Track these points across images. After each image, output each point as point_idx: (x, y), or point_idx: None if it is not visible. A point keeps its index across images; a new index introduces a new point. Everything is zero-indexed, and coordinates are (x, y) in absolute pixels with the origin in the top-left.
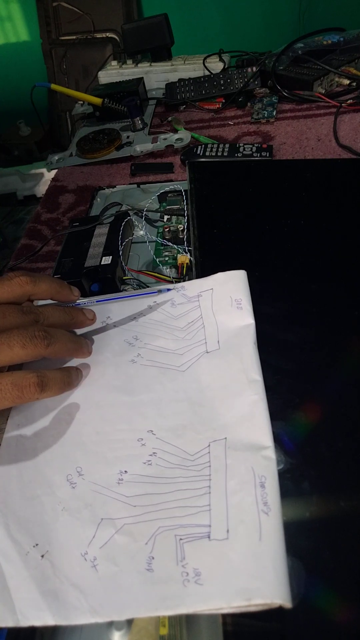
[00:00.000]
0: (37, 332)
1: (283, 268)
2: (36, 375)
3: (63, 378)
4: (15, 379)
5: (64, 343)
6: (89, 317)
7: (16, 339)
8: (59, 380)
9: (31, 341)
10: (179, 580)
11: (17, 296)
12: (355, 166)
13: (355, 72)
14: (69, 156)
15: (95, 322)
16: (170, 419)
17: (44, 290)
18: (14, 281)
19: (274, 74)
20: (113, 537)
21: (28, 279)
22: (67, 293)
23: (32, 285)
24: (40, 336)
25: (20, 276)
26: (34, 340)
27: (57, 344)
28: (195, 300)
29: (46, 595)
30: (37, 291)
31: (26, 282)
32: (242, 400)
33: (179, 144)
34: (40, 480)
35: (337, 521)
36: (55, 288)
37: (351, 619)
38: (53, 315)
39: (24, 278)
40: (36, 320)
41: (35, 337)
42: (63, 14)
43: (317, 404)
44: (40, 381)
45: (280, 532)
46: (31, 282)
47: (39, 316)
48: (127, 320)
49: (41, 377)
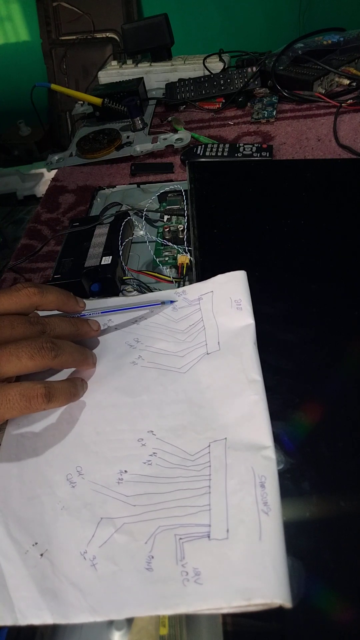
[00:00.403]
0: (45, 344)
1: (283, 268)
2: (43, 387)
3: (69, 389)
4: (23, 390)
5: (70, 354)
6: (94, 328)
7: (24, 350)
8: (65, 391)
9: (39, 352)
10: (179, 579)
11: (25, 307)
12: (355, 166)
13: (355, 72)
14: (69, 156)
15: (100, 332)
16: (171, 420)
17: (51, 301)
18: (22, 292)
19: (274, 74)
20: (113, 536)
21: (36, 290)
22: (73, 304)
23: (40, 296)
24: (47, 347)
25: (28, 287)
26: (41, 351)
27: (64, 355)
28: (196, 304)
29: (45, 594)
30: (44, 302)
31: (34, 294)
32: (242, 401)
33: (179, 144)
34: (40, 480)
35: (337, 521)
36: (62, 299)
37: (351, 619)
38: (59, 326)
39: (32, 289)
40: (43, 331)
41: (43, 348)
42: (63, 14)
43: (317, 404)
44: (47, 392)
45: (280, 532)
46: (39, 293)
47: (45, 327)
48: (129, 322)
49: (48, 388)
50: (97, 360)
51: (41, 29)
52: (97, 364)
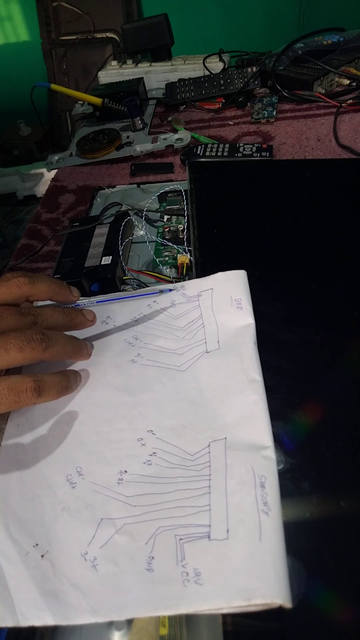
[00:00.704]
0: (34, 335)
1: (283, 268)
2: (33, 380)
3: (61, 382)
4: (11, 384)
5: (62, 346)
6: (89, 318)
7: (13, 342)
8: (56, 384)
9: (28, 344)
10: (179, 580)
11: (15, 297)
12: (355, 166)
13: (355, 72)
14: (69, 156)
15: (96, 322)
16: (170, 419)
17: (43, 291)
18: (12, 282)
19: (274, 74)
20: (113, 537)
21: (26, 279)
22: (66, 294)
23: (31, 286)
24: (37, 339)
25: (18, 277)
26: (31, 343)
27: (55, 347)
28: (195, 300)
29: (46, 595)
30: (35, 292)
31: (24, 283)
32: (242, 400)
33: (179, 144)
34: (40, 480)
35: (337, 521)
36: (54, 289)
37: (351, 619)
38: (52, 316)
39: (22, 279)
40: (34, 322)
41: (33, 340)
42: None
43: (317, 404)
44: (37, 386)
45: (280, 532)
46: (29, 283)
47: (37, 318)
48: (127, 319)
49: (38, 382)
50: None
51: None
52: (95, 362)
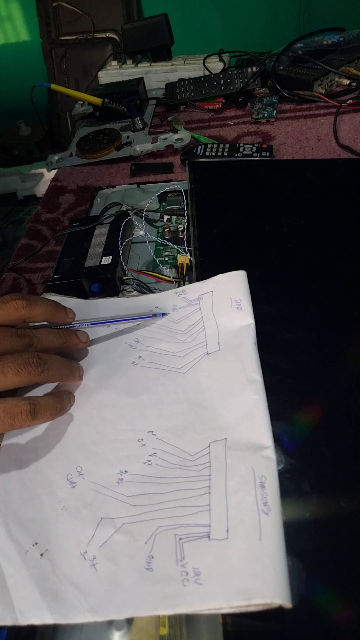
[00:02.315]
0: (31, 359)
1: (283, 268)
2: (28, 403)
3: (55, 404)
4: (7, 407)
5: (57, 369)
6: (82, 340)
7: (10, 365)
8: (50, 407)
9: (25, 368)
10: (179, 579)
11: (12, 320)
12: (355, 166)
13: (355, 72)
14: (69, 156)
15: (89, 344)
16: (171, 420)
17: (40, 313)
18: (10, 305)
19: (274, 74)
20: (113, 537)
21: (24, 302)
22: (62, 316)
23: (28, 309)
24: (34, 363)
25: (16, 299)
26: (27, 367)
27: (50, 371)
28: (196, 304)
29: (45, 594)
30: (32, 315)
31: (22, 306)
32: (242, 401)
33: (179, 144)
34: (41, 480)
35: (337, 521)
36: (50, 311)
37: (351, 619)
38: (47, 338)
39: (20, 302)
40: (30, 344)
41: (29, 363)
42: (63, 14)
43: (317, 404)
44: (32, 409)
45: (280, 532)
46: (27, 306)
47: (32, 339)
48: (129, 323)
49: (33, 405)
50: (96, 359)
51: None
52: (97, 364)
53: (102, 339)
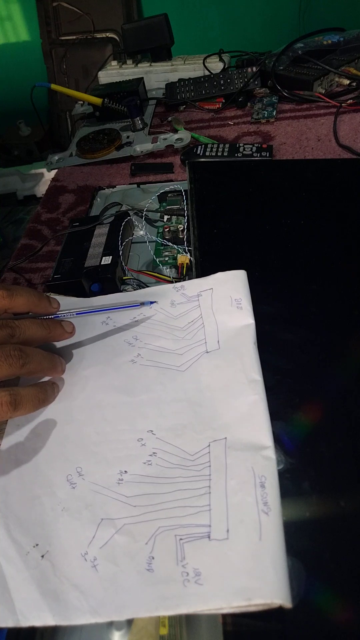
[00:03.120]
0: (12, 352)
1: (283, 268)
2: (8, 394)
3: (37, 395)
4: None
5: (38, 362)
6: (68, 330)
7: None
8: (32, 397)
9: (6, 360)
10: (179, 580)
11: None
12: (355, 166)
13: (355, 72)
14: (69, 156)
15: (75, 334)
16: (170, 419)
17: (22, 303)
18: None
19: (274, 74)
20: (113, 537)
21: (4, 292)
22: (45, 305)
23: (9, 299)
24: (15, 355)
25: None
26: (8, 359)
27: (32, 364)
28: (195, 300)
29: (46, 595)
30: (14, 305)
31: (2, 297)
32: (242, 400)
33: (179, 144)
34: (41, 481)
35: (337, 521)
36: (33, 301)
37: (351, 619)
38: (30, 328)
39: (0, 292)
40: (12, 335)
41: (10, 356)
42: (63, 14)
43: (317, 404)
44: (12, 400)
45: (280, 532)
46: (7, 296)
47: (14, 330)
48: (127, 320)
49: (14, 396)
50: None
51: (41, 29)
52: (95, 362)
53: (100, 337)
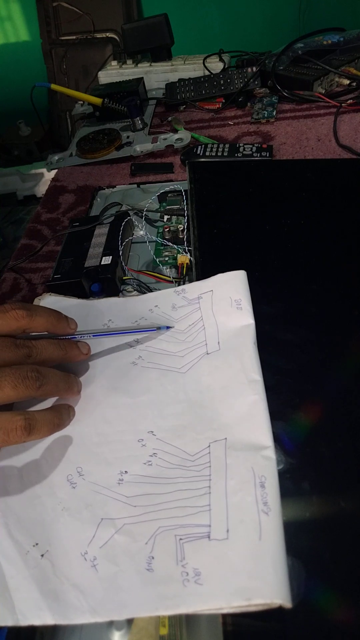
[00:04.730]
0: (29, 373)
1: (283, 268)
2: (24, 418)
3: (52, 420)
4: (1, 422)
5: (55, 384)
6: (84, 352)
7: (7, 379)
8: (47, 422)
9: (23, 382)
10: (179, 580)
11: (12, 330)
12: (355, 166)
13: (355, 72)
14: (69, 156)
15: (90, 355)
16: (171, 420)
17: (41, 324)
18: (9, 314)
19: (274, 74)
20: (113, 537)
21: (24, 312)
22: (64, 326)
23: (29, 319)
24: (32, 377)
25: (16, 309)
26: (25, 381)
27: (48, 385)
28: (196, 303)
29: (46, 594)
30: (33, 325)
31: (22, 317)
32: (242, 401)
33: (179, 144)
34: (41, 481)
35: (337, 521)
36: (51, 322)
37: (351, 619)
38: (47, 349)
39: (21, 312)
40: (29, 355)
41: (27, 377)
42: (63, 14)
43: (317, 404)
44: (27, 424)
45: (280, 532)
46: (27, 316)
47: (32, 350)
48: (129, 323)
49: (29, 420)
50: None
51: (41, 29)
52: (96, 364)
53: (101, 340)
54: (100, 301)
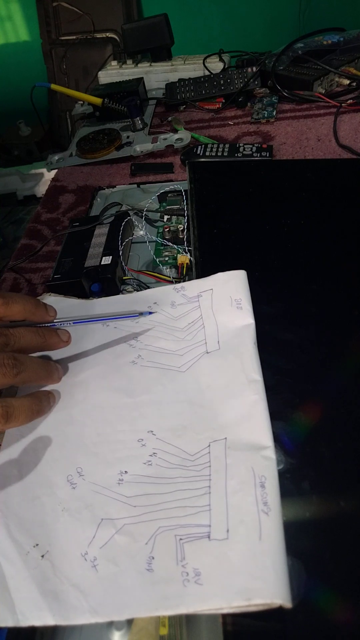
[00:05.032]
0: (6, 360)
1: (283, 268)
2: (0, 406)
3: (31, 406)
4: None
5: (34, 371)
6: (63, 339)
7: None
8: (26, 409)
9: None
10: (179, 580)
11: None
12: (355, 166)
13: (355, 72)
14: (69, 156)
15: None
16: (171, 420)
17: (17, 311)
18: None
19: (274, 74)
20: (113, 537)
21: (0, 300)
22: (42, 314)
23: (5, 307)
24: (9, 364)
25: None
26: (2, 368)
27: (26, 372)
28: (195, 301)
29: (46, 595)
30: (9, 313)
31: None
32: (242, 400)
33: (179, 144)
34: (41, 481)
35: (337, 521)
36: (29, 309)
37: (351, 619)
38: (24, 337)
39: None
40: (6, 343)
41: (4, 365)
42: (63, 14)
43: (317, 404)
44: (4, 411)
45: (280, 532)
46: (3, 303)
47: (9, 338)
48: (128, 321)
49: (6, 407)
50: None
51: (41, 29)
52: (96, 363)
53: (101, 338)
54: (100, 300)
